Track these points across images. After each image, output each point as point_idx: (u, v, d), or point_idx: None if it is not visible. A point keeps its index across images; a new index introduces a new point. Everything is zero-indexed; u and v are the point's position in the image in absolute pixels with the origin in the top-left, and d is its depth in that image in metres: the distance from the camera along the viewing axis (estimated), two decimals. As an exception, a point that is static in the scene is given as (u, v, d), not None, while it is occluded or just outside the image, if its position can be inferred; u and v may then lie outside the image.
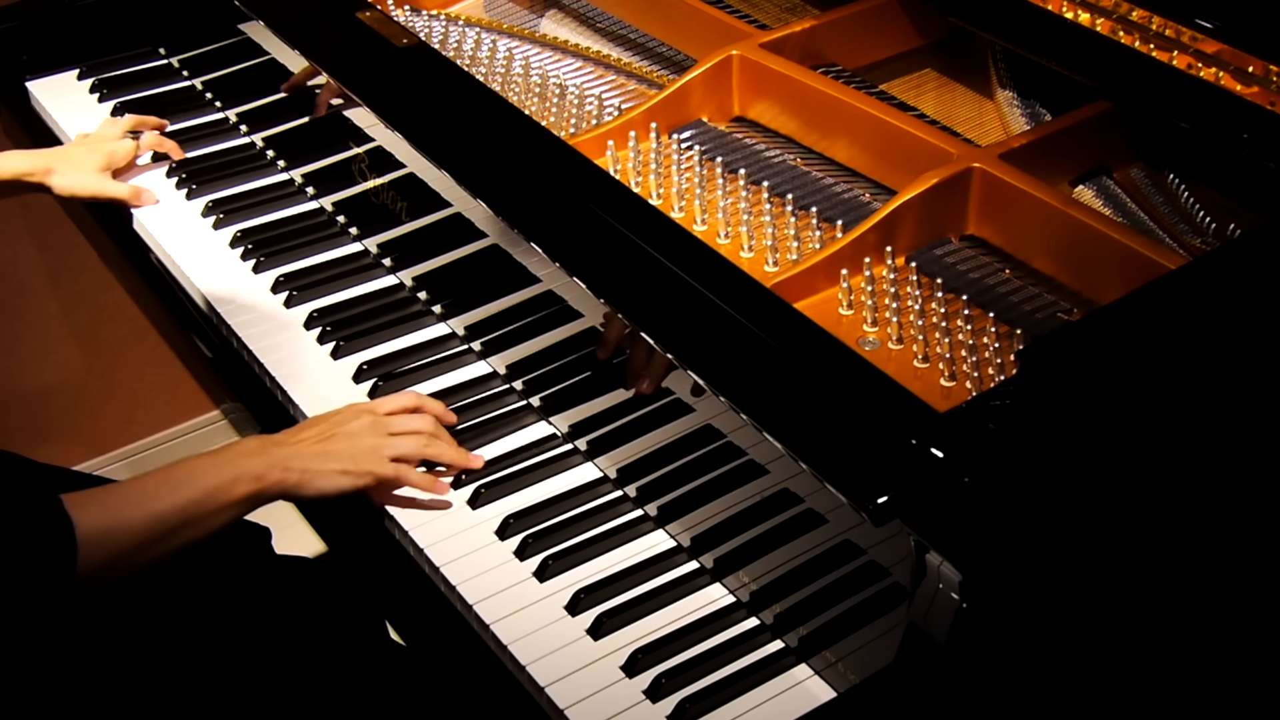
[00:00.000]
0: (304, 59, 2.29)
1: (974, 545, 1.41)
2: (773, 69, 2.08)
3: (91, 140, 2.46)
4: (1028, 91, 2.09)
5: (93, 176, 2.40)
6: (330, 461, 1.82)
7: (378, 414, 1.89)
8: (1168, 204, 1.92)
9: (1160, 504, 1.52)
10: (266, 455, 1.80)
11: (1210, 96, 1.86)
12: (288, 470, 1.80)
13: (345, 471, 1.83)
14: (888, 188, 1.98)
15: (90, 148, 2.43)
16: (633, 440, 1.87)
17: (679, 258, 1.74)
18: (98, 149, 2.43)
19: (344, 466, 1.83)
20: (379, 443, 1.86)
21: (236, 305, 2.22)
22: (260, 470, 1.78)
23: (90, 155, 2.42)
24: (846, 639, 1.63)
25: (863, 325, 1.78)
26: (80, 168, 2.40)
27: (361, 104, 2.16)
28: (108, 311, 3.43)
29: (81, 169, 2.40)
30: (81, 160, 2.41)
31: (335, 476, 1.82)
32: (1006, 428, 1.45)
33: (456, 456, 1.91)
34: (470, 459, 1.91)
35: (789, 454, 1.55)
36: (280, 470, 1.79)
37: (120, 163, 2.45)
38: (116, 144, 2.45)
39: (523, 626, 1.72)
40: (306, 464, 1.81)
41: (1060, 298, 1.80)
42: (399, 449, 1.86)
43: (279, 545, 2.17)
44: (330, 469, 1.82)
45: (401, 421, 1.89)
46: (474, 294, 2.12)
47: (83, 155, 2.42)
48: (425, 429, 1.90)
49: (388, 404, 1.92)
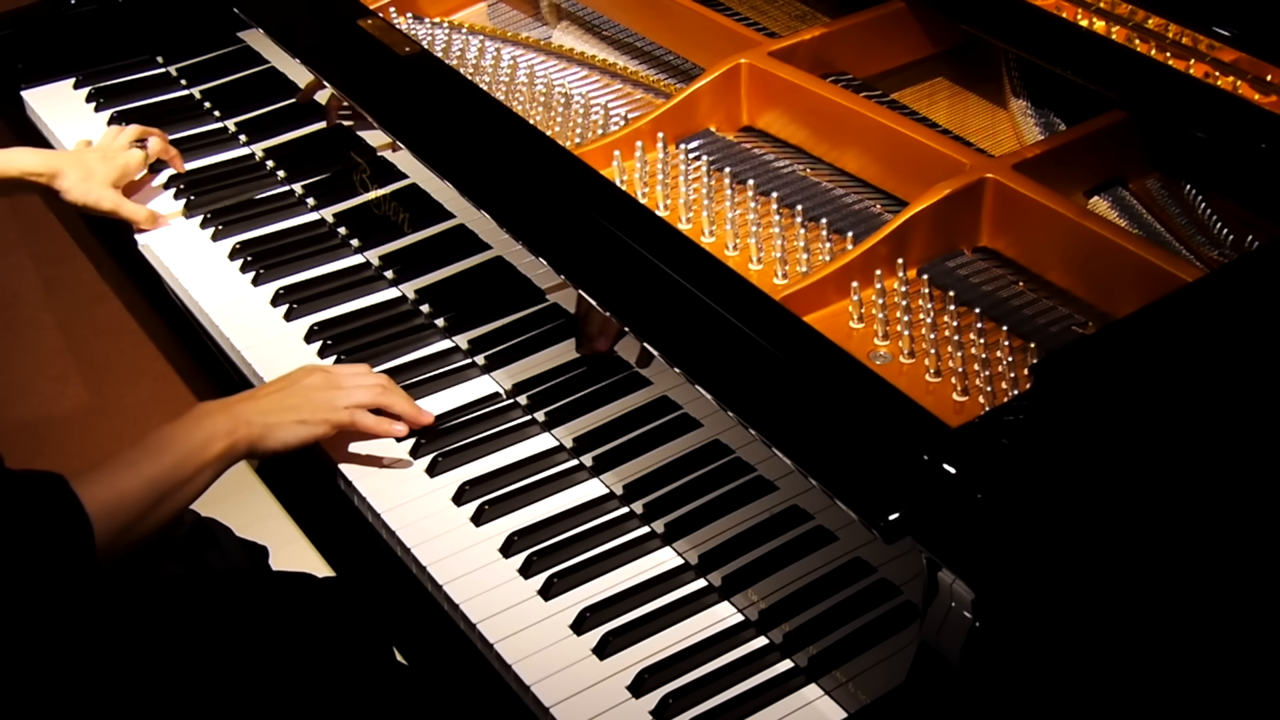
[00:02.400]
0: (304, 68, 2.30)
1: (987, 563, 1.42)
2: (782, 78, 2.09)
3: (104, 150, 2.43)
4: (1042, 100, 2.10)
5: (108, 191, 2.38)
6: (288, 414, 1.93)
7: (331, 371, 2.00)
8: (1184, 215, 1.92)
9: (1177, 521, 1.52)
10: (229, 413, 1.91)
11: (1228, 105, 1.87)
12: (250, 425, 1.90)
13: (303, 421, 1.93)
14: (899, 199, 1.99)
15: (104, 158, 2.40)
16: (640, 455, 1.88)
17: (686, 270, 1.75)
18: (112, 161, 2.40)
19: (301, 417, 1.93)
20: (334, 394, 1.96)
21: (236, 319, 2.23)
22: (229, 427, 1.88)
23: (104, 166, 2.39)
24: (857, 658, 1.63)
25: (874, 339, 1.79)
26: (96, 179, 2.37)
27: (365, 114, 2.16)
28: (104, 325, 3.43)
29: (97, 180, 2.37)
30: (97, 170, 2.38)
31: (294, 427, 1.93)
32: (1020, 443, 1.45)
33: (409, 408, 2.00)
34: (422, 414, 2.01)
35: (798, 470, 1.56)
36: (245, 425, 1.90)
37: (133, 175, 2.44)
38: (129, 155, 2.43)
39: (527, 645, 1.73)
40: (266, 418, 1.92)
41: (1075, 311, 1.80)
42: (353, 398, 1.97)
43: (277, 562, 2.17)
44: (288, 420, 1.93)
45: (355, 378, 2.00)
46: (478, 307, 2.13)
47: (97, 165, 2.39)
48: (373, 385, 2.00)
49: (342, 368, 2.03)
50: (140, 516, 1.79)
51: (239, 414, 1.90)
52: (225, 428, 1.88)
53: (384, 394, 1.99)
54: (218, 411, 1.90)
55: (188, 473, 1.84)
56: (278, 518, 2.08)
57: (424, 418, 2.01)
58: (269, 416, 1.91)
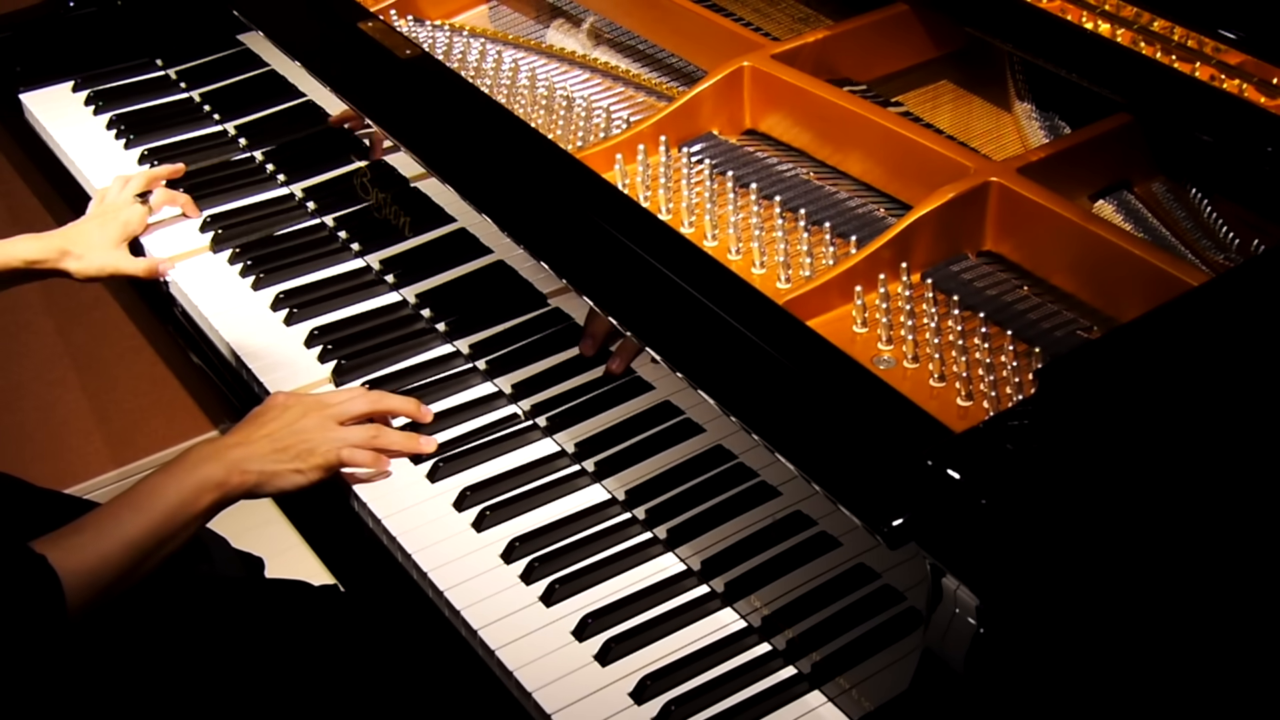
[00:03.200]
0: (305, 71, 2.30)
1: (991, 569, 1.42)
2: (785, 81, 2.09)
3: (104, 213, 2.39)
4: (1046, 104, 2.10)
5: (110, 255, 2.35)
6: (285, 461, 1.91)
7: (327, 404, 1.97)
8: (1190, 219, 1.92)
9: (1183, 528, 1.52)
10: (223, 460, 1.88)
11: (1234, 109, 1.87)
12: (245, 474, 1.88)
13: (299, 470, 1.92)
14: (903, 202, 1.99)
15: (102, 223, 2.37)
16: (642, 461, 1.88)
17: (689, 274, 1.75)
18: (110, 223, 2.37)
19: (297, 466, 1.92)
20: (329, 435, 1.94)
21: (236, 323, 2.23)
22: (221, 476, 1.87)
23: (104, 231, 2.36)
24: (861, 665, 1.63)
25: (877, 343, 1.79)
26: (96, 247, 2.34)
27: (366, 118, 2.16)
28: (103, 329, 3.44)
29: (98, 248, 2.34)
30: (96, 239, 2.35)
31: (291, 475, 1.91)
32: (1025, 448, 1.45)
33: (404, 442, 1.98)
34: (421, 443, 1.98)
35: (802, 475, 1.56)
36: (239, 474, 1.88)
37: (136, 230, 2.40)
38: (129, 212, 2.39)
39: (528, 652, 1.73)
40: (263, 465, 1.90)
41: (1079, 315, 1.80)
42: (348, 438, 1.94)
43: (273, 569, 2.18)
44: (285, 469, 1.91)
45: (348, 407, 1.97)
46: (479, 311, 2.13)
47: (96, 233, 2.36)
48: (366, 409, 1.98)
49: (336, 396, 1.99)
50: (125, 574, 1.79)
51: (233, 462, 1.88)
52: (217, 478, 1.86)
53: (378, 437, 1.96)
54: (211, 459, 1.87)
55: (176, 526, 1.83)
56: (275, 524, 2.09)
57: (425, 447, 1.98)
58: (265, 464, 1.89)
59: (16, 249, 2.31)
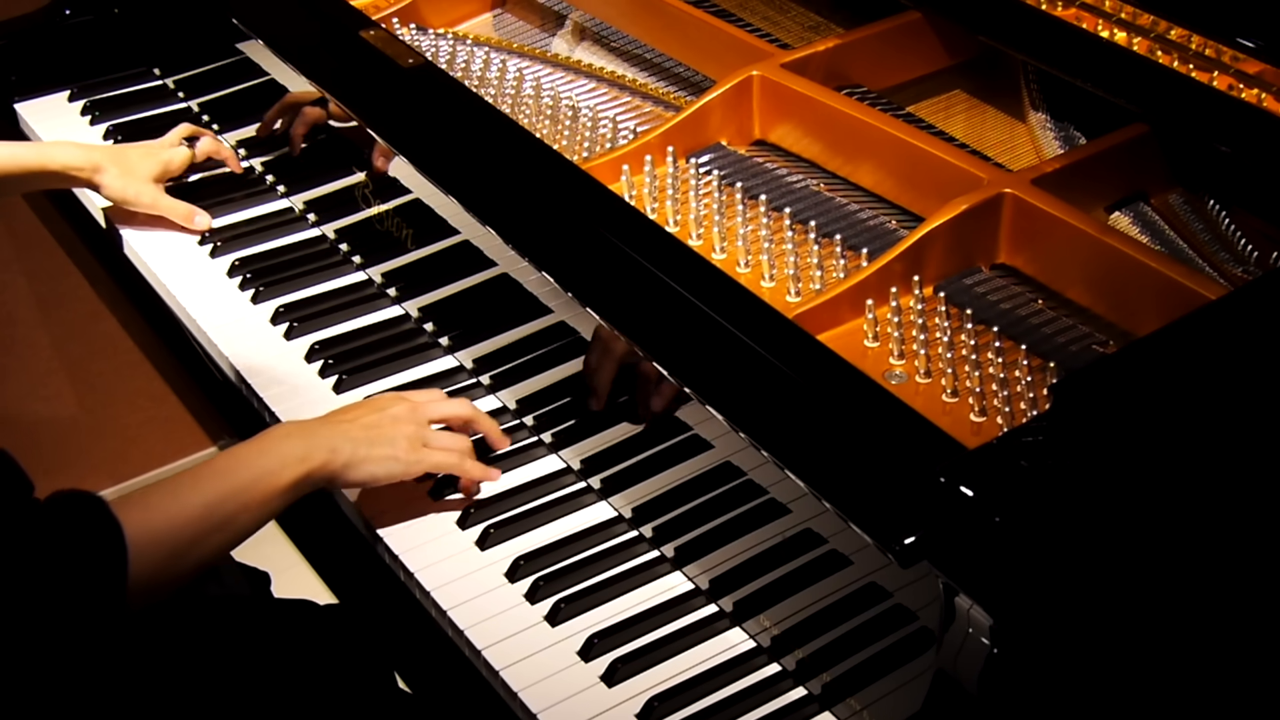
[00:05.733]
0: (305, 80, 2.31)
1: (1005, 588, 1.42)
2: (795, 90, 2.10)
3: (148, 146, 2.48)
4: (1061, 114, 2.10)
5: (148, 186, 2.42)
6: (379, 447, 1.84)
7: (418, 407, 1.91)
8: (1208, 231, 1.93)
9: (1202, 546, 1.52)
10: (311, 437, 1.81)
11: (1252, 119, 1.87)
12: (335, 452, 1.81)
13: (394, 458, 1.85)
14: (915, 214, 1.99)
15: (146, 152, 2.45)
16: (649, 478, 1.88)
17: (697, 287, 1.75)
18: (153, 155, 2.45)
19: (393, 452, 1.85)
20: (421, 432, 1.88)
21: (234, 337, 2.23)
22: (304, 452, 1.80)
23: (145, 161, 2.44)
24: (871, 686, 1.64)
25: (889, 358, 1.79)
26: (136, 174, 2.41)
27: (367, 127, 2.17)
28: (100, 343, 3.44)
29: (137, 175, 2.41)
30: (137, 165, 2.42)
31: (387, 462, 1.85)
32: (1039, 465, 1.46)
33: (481, 474, 1.93)
34: (490, 472, 1.94)
35: (812, 492, 1.56)
36: (326, 451, 1.81)
37: (176, 172, 2.48)
38: (173, 151, 2.48)
39: (533, 673, 1.73)
40: (355, 448, 1.83)
41: (1095, 329, 1.81)
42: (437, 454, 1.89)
43: (279, 589, 2.18)
44: (379, 454, 1.84)
45: (438, 408, 1.93)
46: (483, 325, 2.13)
47: (139, 160, 2.43)
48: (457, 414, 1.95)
49: (424, 395, 1.95)
50: (192, 543, 1.70)
51: (323, 439, 1.81)
52: (300, 452, 1.79)
53: (463, 461, 1.91)
54: (295, 435, 1.81)
55: (255, 499, 1.75)
56: (279, 542, 2.09)
57: (496, 476, 1.95)
58: (359, 447, 1.83)
59: (56, 153, 2.37)
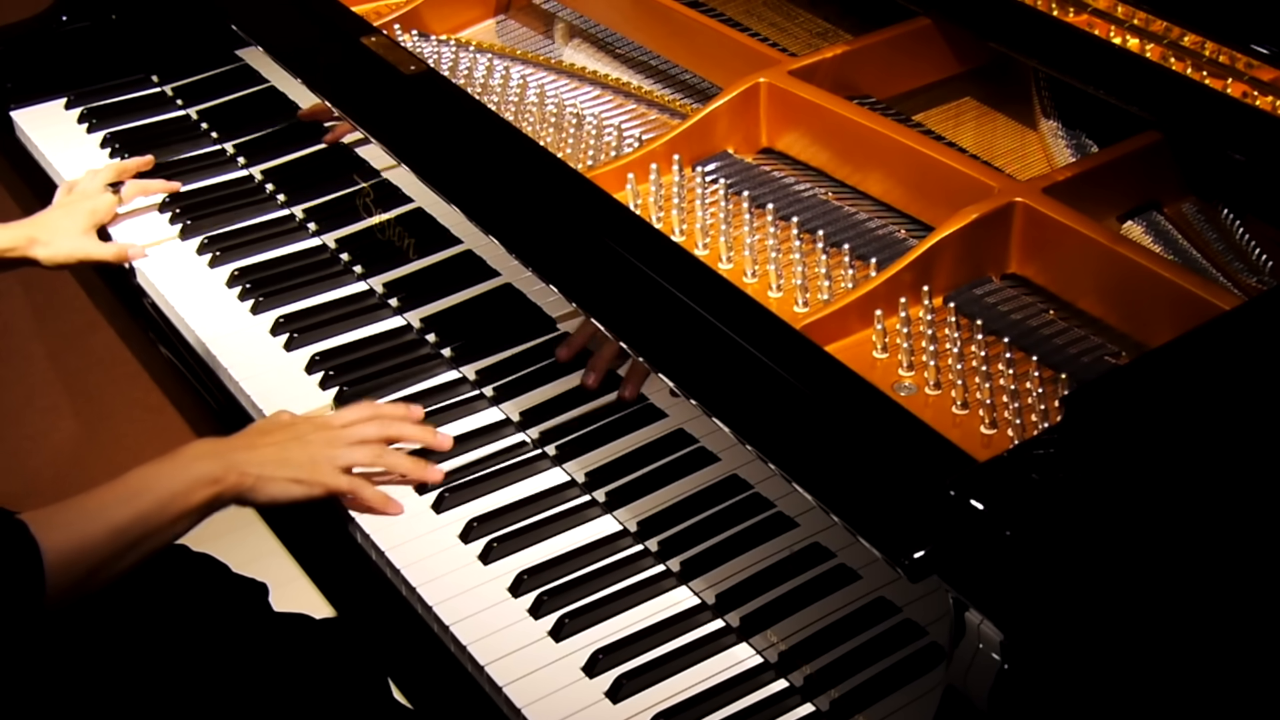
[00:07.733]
0: (305, 87, 2.31)
1: (1016, 603, 1.42)
2: (802, 98, 2.10)
3: (71, 200, 2.45)
4: (1073, 121, 2.11)
5: (77, 240, 2.40)
6: (285, 469, 1.91)
7: (333, 425, 1.97)
8: (1221, 240, 1.93)
9: (1215, 560, 1.52)
10: (222, 458, 1.88)
11: (1267, 126, 1.87)
12: (243, 475, 1.88)
13: (298, 480, 1.92)
14: (924, 223, 2.00)
15: (69, 210, 2.43)
16: (655, 491, 1.88)
17: (703, 298, 1.76)
18: (77, 209, 2.43)
19: (297, 475, 1.92)
20: (333, 453, 1.94)
21: (234, 348, 2.24)
22: (218, 473, 1.87)
23: (70, 218, 2.42)
24: (880, 702, 1.64)
25: (898, 369, 1.80)
26: (63, 233, 2.40)
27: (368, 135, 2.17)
28: (97, 354, 3.44)
29: (65, 234, 2.40)
30: (63, 225, 2.41)
31: (289, 485, 1.91)
32: (1050, 478, 1.46)
33: (412, 468, 1.98)
34: (428, 471, 1.97)
35: (820, 506, 1.56)
36: (236, 474, 1.88)
37: (105, 219, 2.46)
38: (97, 201, 2.45)
39: (537, 689, 1.73)
40: (262, 470, 1.90)
41: (1107, 340, 1.81)
42: (352, 458, 1.94)
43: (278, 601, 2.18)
44: (284, 476, 1.91)
45: (356, 431, 1.97)
46: (486, 336, 2.14)
47: (63, 220, 2.42)
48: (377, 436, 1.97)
49: (342, 416, 2.00)
50: (108, 562, 1.79)
51: (232, 461, 1.88)
52: (214, 474, 1.86)
53: (383, 456, 1.96)
54: (208, 455, 1.88)
55: (166, 519, 1.83)
56: (278, 555, 2.09)
57: (432, 476, 1.98)
58: (265, 469, 1.89)
59: None
